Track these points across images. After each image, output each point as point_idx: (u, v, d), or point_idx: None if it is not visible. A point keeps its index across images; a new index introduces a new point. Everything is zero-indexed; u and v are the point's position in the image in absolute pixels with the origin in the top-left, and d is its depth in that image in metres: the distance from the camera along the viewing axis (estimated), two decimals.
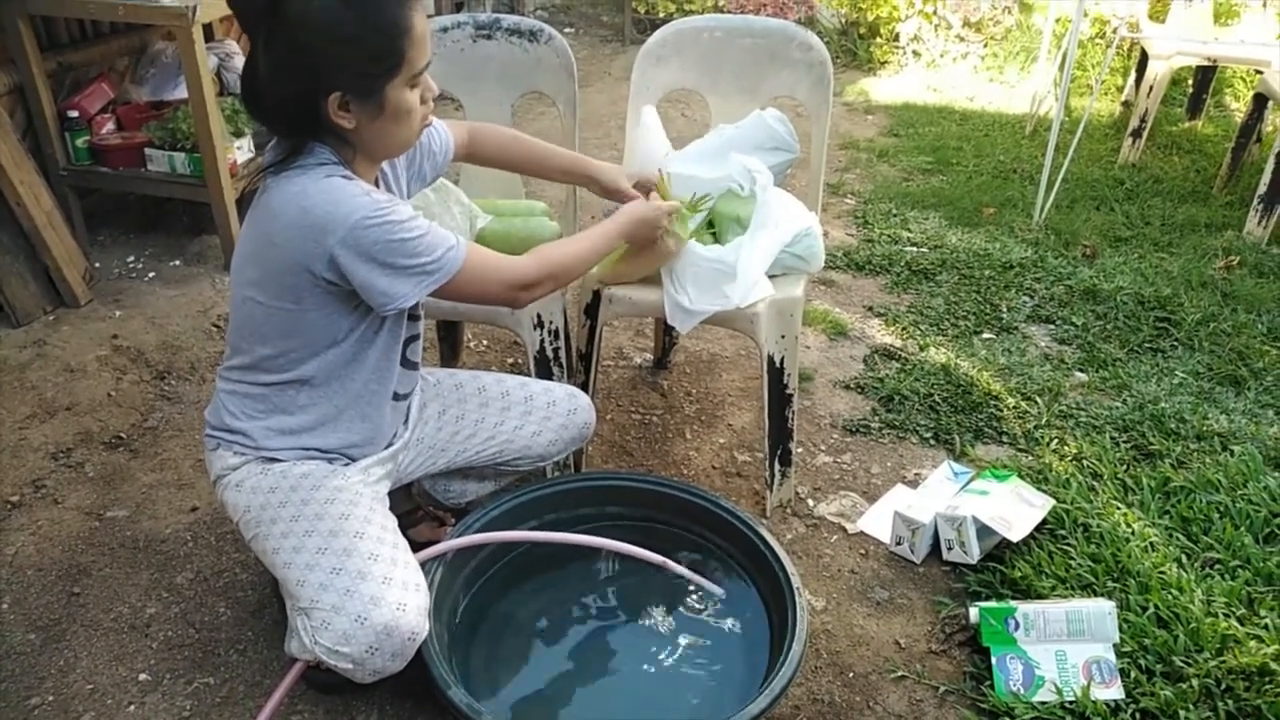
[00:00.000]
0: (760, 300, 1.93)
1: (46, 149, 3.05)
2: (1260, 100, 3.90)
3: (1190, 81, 4.92)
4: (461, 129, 1.83)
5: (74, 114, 3.06)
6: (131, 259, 3.24)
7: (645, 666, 1.68)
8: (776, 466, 2.15)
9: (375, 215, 1.37)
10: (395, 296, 1.42)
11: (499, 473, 1.90)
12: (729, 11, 6.00)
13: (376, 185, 1.55)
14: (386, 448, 1.67)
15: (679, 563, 1.74)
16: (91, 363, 2.63)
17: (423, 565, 1.57)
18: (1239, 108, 5.00)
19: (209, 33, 3.34)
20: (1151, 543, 1.99)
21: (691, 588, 1.77)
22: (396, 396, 1.66)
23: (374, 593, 1.39)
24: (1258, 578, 1.89)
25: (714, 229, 2.07)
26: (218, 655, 1.77)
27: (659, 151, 2.08)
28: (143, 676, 1.72)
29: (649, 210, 1.79)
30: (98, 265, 3.14)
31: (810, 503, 2.22)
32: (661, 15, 6.04)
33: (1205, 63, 4.47)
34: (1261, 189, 3.54)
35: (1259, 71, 4.26)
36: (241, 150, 3.17)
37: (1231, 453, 2.32)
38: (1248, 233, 3.59)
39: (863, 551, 2.09)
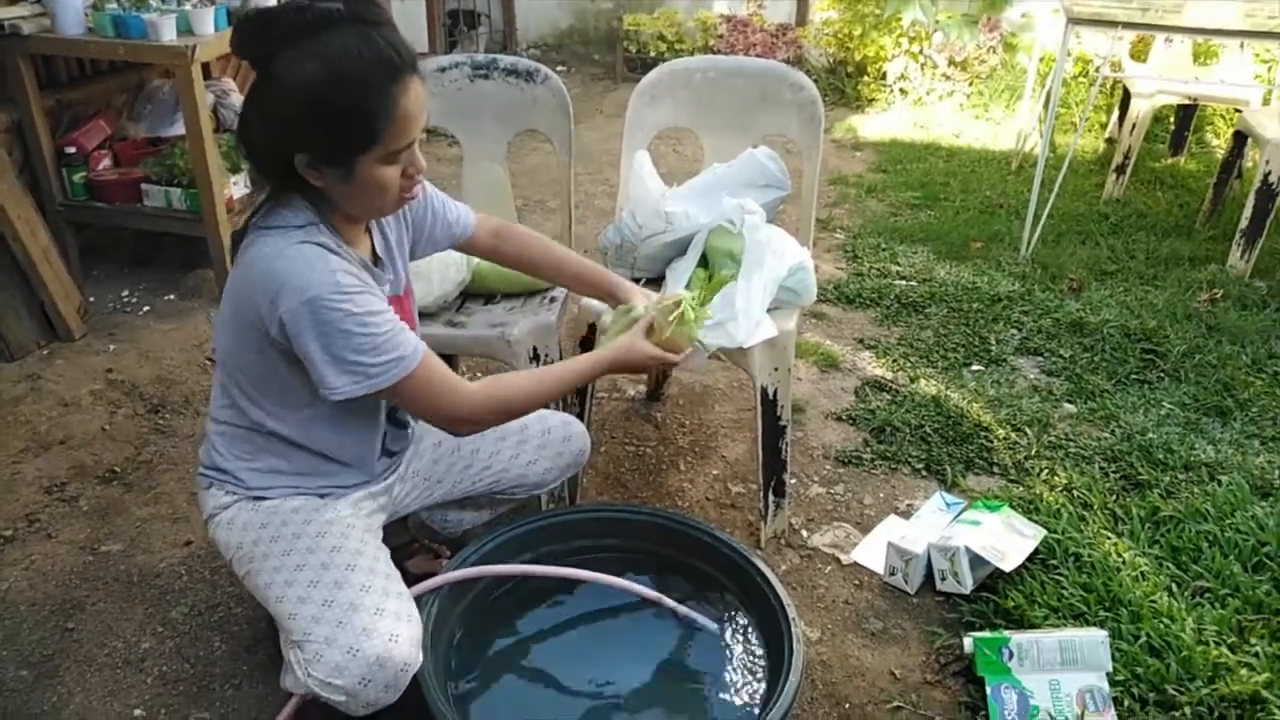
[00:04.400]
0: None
1: (44, 184, 3.07)
2: (1240, 137, 3.97)
3: (1172, 119, 5.00)
4: (490, 224, 1.78)
5: (71, 150, 3.09)
6: (126, 293, 3.25)
7: (641, 698, 1.67)
8: (770, 498, 2.16)
9: (334, 298, 1.33)
10: (327, 385, 1.38)
11: (495, 501, 1.90)
12: (719, 51, 6.09)
13: (370, 238, 1.54)
14: (380, 482, 1.68)
15: (674, 598, 1.75)
16: (85, 397, 2.63)
17: (418, 599, 1.57)
18: (1220, 144, 5.09)
19: (206, 71, 3.38)
20: (1142, 572, 2.01)
21: (687, 621, 1.77)
22: (388, 453, 1.67)
23: (366, 624, 1.39)
24: (1247, 606, 1.91)
25: (707, 264, 2.10)
26: (213, 690, 1.77)
27: (655, 194, 2.10)
28: (137, 712, 1.72)
29: (638, 356, 1.65)
30: (92, 299, 3.15)
31: (804, 534, 2.23)
32: (652, 54, 6.12)
33: (1186, 101, 4.57)
34: (1243, 224, 3.60)
35: (1238, 110, 4.35)
36: (238, 186, 3.21)
37: (1219, 482, 2.34)
38: (1230, 266, 3.64)
39: (857, 582, 2.10)
